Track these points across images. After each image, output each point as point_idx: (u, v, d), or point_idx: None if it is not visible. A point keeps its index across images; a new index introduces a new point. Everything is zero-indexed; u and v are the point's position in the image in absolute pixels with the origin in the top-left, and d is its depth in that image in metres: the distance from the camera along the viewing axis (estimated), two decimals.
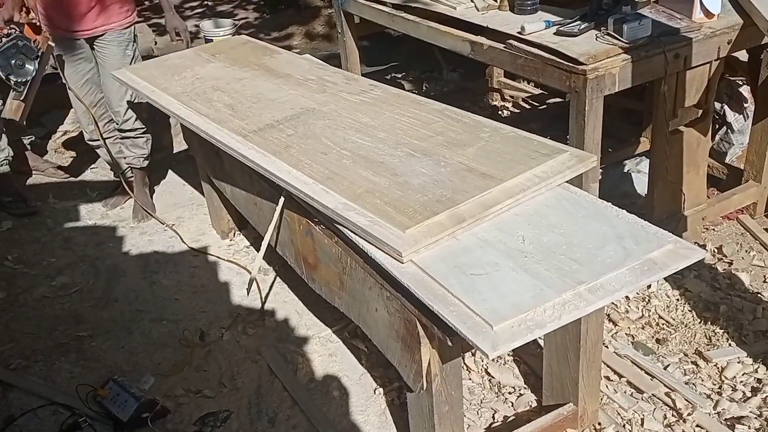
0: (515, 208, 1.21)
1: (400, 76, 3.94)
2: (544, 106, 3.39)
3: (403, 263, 1.10)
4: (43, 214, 2.75)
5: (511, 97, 3.53)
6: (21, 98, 2.21)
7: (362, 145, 1.43)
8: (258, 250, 2.38)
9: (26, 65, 2.15)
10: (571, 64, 1.73)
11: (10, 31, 2.15)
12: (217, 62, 2.16)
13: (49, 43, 2.23)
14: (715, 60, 1.93)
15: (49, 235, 2.64)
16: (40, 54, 2.18)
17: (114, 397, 1.73)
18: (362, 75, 2.91)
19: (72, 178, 3.03)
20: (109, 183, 2.91)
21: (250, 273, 2.30)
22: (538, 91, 3.44)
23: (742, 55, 2.28)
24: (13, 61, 2.12)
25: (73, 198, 2.88)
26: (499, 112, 3.46)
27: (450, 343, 1.09)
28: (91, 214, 2.77)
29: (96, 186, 2.97)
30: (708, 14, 1.87)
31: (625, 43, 1.75)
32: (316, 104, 1.69)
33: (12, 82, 2.16)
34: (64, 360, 1.98)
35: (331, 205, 1.24)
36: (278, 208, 1.54)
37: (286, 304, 2.16)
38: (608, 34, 1.80)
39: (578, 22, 1.86)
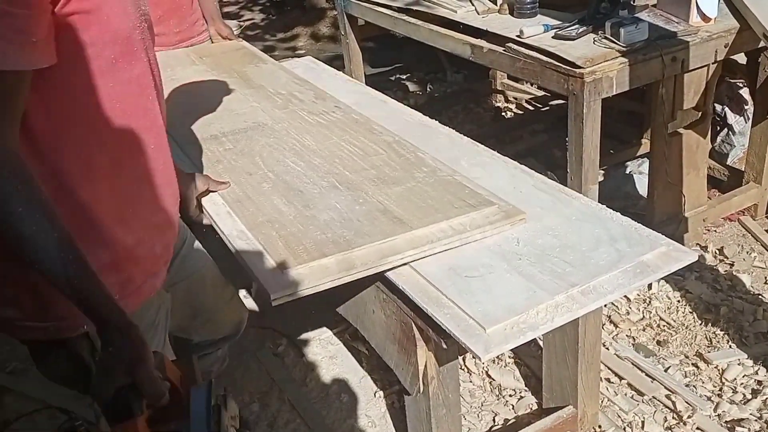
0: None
1: (404, 77, 3.96)
2: (548, 108, 3.40)
3: (272, 305, 1.02)
4: None
5: (515, 98, 3.54)
6: None
7: (292, 169, 1.38)
8: None
9: None
10: (568, 68, 1.74)
11: None
12: (201, 65, 2.14)
13: None
14: (713, 63, 1.93)
15: None
16: None
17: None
18: (366, 76, 2.93)
19: None
20: None
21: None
22: (541, 93, 3.45)
23: (741, 58, 2.29)
24: None
25: None
26: (503, 114, 3.47)
27: (445, 346, 1.10)
28: None
29: None
30: (705, 18, 1.87)
31: (623, 46, 1.76)
32: (270, 120, 1.64)
33: None
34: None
35: (226, 231, 1.17)
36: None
37: (285, 304, 2.17)
38: (606, 38, 1.81)
39: (576, 26, 1.88)
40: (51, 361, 0.93)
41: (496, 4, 2.20)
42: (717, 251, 2.24)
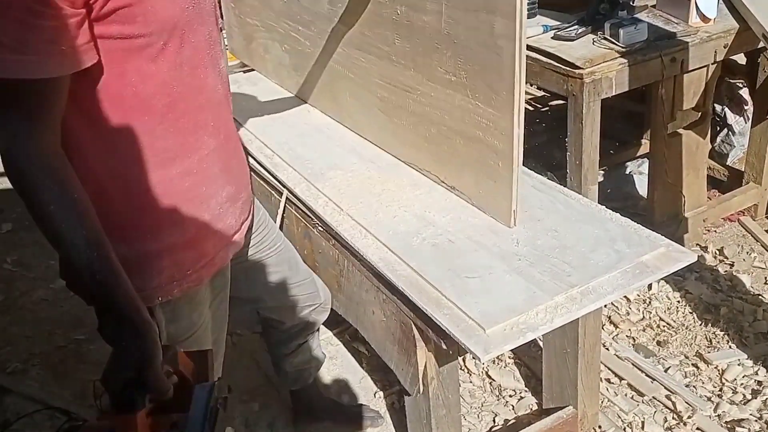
0: None
1: None
2: (547, 108, 3.40)
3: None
4: None
5: None
6: None
7: None
8: None
9: None
10: (568, 68, 1.75)
11: None
12: None
13: None
14: (712, 63, 1.93)
15: None
16: None
17: None
18: None
19: None
20: None
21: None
22: (540, 93, 3.45)
23: (741, 58, 2.29)
24: None
25: None
26: None
27: (445, 347, 1.10)
28: None
29: None
30: (704, 18, 1.88)
31: (622, 47, 1.77)
32: None
33: None
34: (62, 364, 2.00)
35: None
36: (281, 206, 1.55)
37: None
38: (605, 39, 1.81)
39: (575, 27, 1.88)
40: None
41: None
42: (717, 252, 2.24)
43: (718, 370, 1.78)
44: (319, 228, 1.40)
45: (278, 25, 1.77)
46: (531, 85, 3.47)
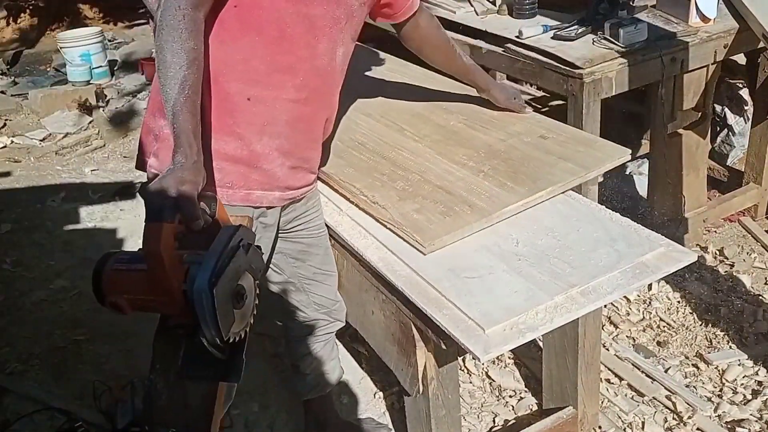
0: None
1: None
2: (547, 108, 3.39)
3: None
4: (43, 217, 2.78)
5: None
6: None
7: None
8: None
9: None
10: (568, 68, 1.75)
11: None
12: None
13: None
14: (712, 64, 1.93)
15: (48, 237, 2.65)
16: None
17: (124, 402, 1.72)
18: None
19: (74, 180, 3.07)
20: (110, 185, 2.95)
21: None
22: (540, 94, 3.44)
23: (741, 59, 2.29)
24: None
25: (73, 200, 2.91)
26: None
27: (444, 347, 1.09)
28: (91, 216, 2.79)
29: (97, 188, 3.01)
30: (704, 19, 1.88)
31: (622, 47, 1.76)
32: None
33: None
34: (61, 364, 2.00)
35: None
36: None
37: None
38: (605, 39, 1.81)
39: (575, 27, 1.88)
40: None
41: (495, 5, 2.20)
42: (717, 252, 2.24)
43: (719, 371, 1.78)
44: None
45: None
46: (531, 85, 3.47)
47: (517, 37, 1.91)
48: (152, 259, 0.78)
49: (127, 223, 2.73)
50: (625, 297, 2.03)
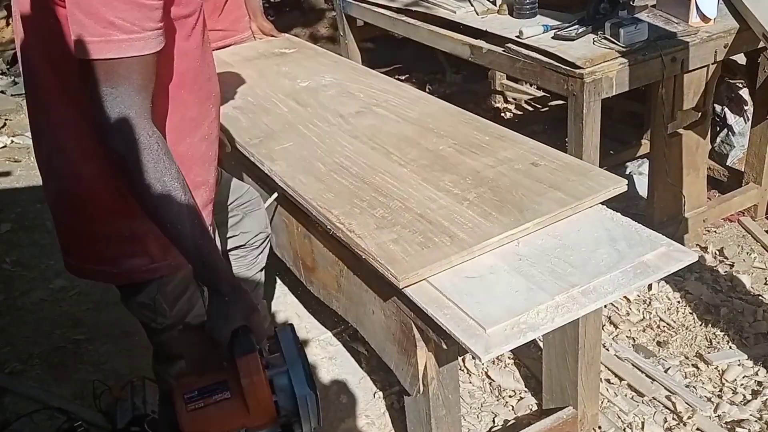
0: None
1: (403, 78, 3.96)
2: (546, 109, 3.40)
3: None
4: (43, 217, 2.78)
5: (514, 99, 3.54)
6: None
7: None
8: None
9: None
10: (568, 68, 1.74)
11: None
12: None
13: None
14: (713, 63, 1.93)
15: (48, 237, 2.65)
16: None
17: (124, 402, 1.72)
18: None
19: None
20: None
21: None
22: (540, 94, 3.45)
23: (741, 59, 2.29)
24: None
25: None
26: (502, 114, 3.47)
27: (445, 347, 1.09)
28: None
29: None
30: (704, 18, 1.87)
31: (622, 47, 1.76)
32: None
33: None
34: (61, 364, 2.00)
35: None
36: (270, 201, 1.56)
37: (286, 306, 2.17)
38: (605, 38, 1.81)
39: (576, 27, 1.87)
40: (170, 289, 1.13)
41: (495, 5, 2.20)
42: (717, 252, 2.24)
43: (718, 371, 1.78)
44: (319, 229, 1.40)
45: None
46: (531, 85, 3.47)
47: (517, 36, 1.91)
48: (259, 387, 0.86)
49: None
50: (625, 297, 2.03)
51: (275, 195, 1.55)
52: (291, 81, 1.97)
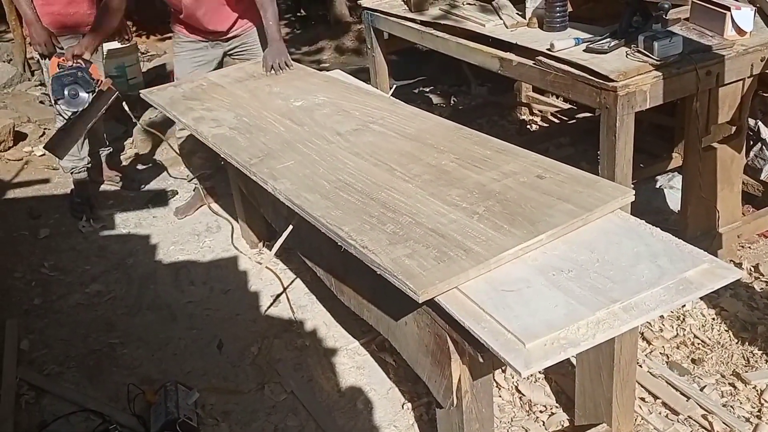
0: None
1: (428, 90, 3.98)
2: (573, 121, 3.37)
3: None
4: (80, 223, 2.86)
5: (540, 111, 3.52)
6: (66, 128, 2.26)
7: None
8: (285, 262, 2.43)
9: (80, 94, 2.15)
10: (602, 81, 1.73)
11: (75, 64, 2.22)
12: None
13: (115, 91, 2.23)
14: (749, 77, 1.90)
15: (84, 243, 2.72)
16: (96, 89, 2.17)
17: (157, 406, 1.75)
18: (391, 89, 2.97)
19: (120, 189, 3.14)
20: (143, 193, 3.01)
21: (278, 278, 2.35)
22: (567, 106, 3.42)
23: None
24: (67, 90, 2.14)
25: (108, 207, 2.98)
26: (528, 127, 3.45)
27: (481, 360, 1.09)
28: (126, 223, 2.86)
29: (129, 196, 3.07)
30: (740, 32, 1.85)
31: (656, 60, 1.75)
32: None
33: (61, 109, 2.19)
34: (96, 367, 2.03)
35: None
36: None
37: (314, 315, 2.18)
38: (639, 52, 1.80)
39: (608, 40, 1.87)
40: None
41: (524, 18, 2.20)
42: (752, 268, 2.19)
43: (757, 390, 1.73)
44: None
45: None
46: (557, 98, 3.46)
47: (548, 49, 1.91)
48: None
49: (160, 229, 2.79)
50: None
51: (291, 228, 1.57)
52: (284, 101, 2.01)
